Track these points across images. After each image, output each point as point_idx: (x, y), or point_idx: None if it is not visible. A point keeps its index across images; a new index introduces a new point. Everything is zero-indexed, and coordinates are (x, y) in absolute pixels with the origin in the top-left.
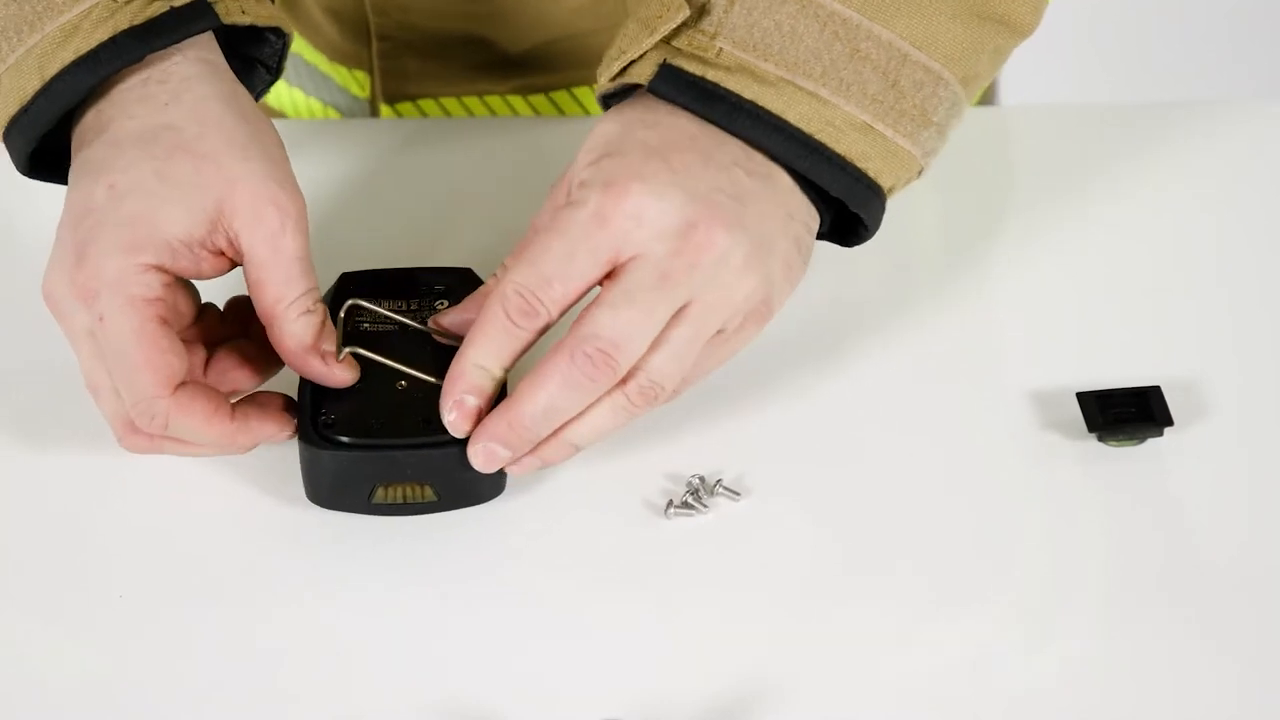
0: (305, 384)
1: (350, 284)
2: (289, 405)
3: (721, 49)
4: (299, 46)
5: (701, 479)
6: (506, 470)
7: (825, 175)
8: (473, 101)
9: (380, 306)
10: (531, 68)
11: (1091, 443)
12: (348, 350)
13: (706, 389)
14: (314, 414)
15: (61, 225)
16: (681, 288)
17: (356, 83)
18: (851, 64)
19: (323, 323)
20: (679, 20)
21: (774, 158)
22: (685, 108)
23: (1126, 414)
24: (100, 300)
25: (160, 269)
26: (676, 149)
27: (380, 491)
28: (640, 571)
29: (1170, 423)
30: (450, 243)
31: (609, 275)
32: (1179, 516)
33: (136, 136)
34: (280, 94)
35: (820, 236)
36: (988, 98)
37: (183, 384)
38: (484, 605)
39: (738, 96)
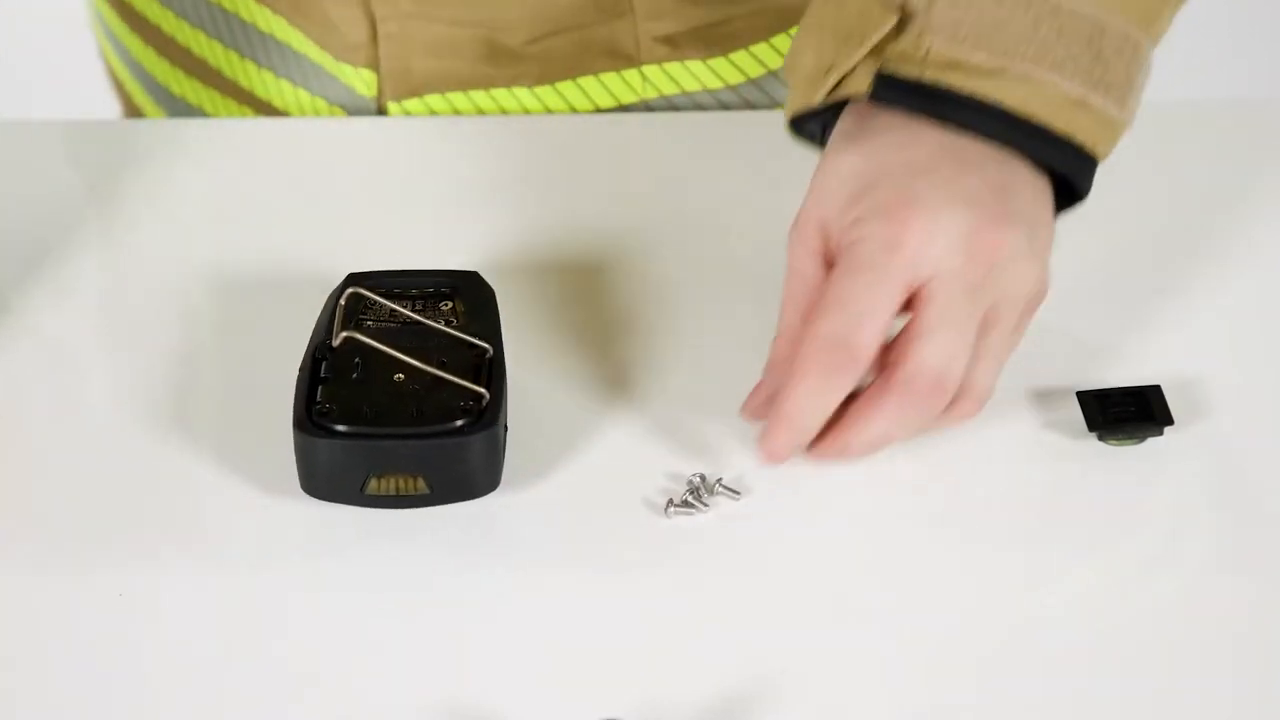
0: (303, 372)
1: (356, 284)
2: None
3: (931, 48)
4: (303, 46)
5: (702, 478)
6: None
7: (1048, 154)
8: (479, 96)
9: (381, 299)
10: (537, 59)
11: (1091, 442)
12: (345, 334)
13: (707, 389)
14: (309, 402)
15: None
16: (986, 293)
17: (362, 81)
18: (1060, 41)
19: None
20: (889, 27)
21: (999, 144)
22: (907, 110)
23: (1127, 413)
24: None
25: None
26: (932, 163)
27: (373, 482)
28: (640, 570)
29: (1170, 422)
30: (456, 242)
31: (909, 302)
32: (1179, 516)
33: None
34: (285, 93)
35: None
36: None
37: None
38: (483, 604)
39: (957, 91)
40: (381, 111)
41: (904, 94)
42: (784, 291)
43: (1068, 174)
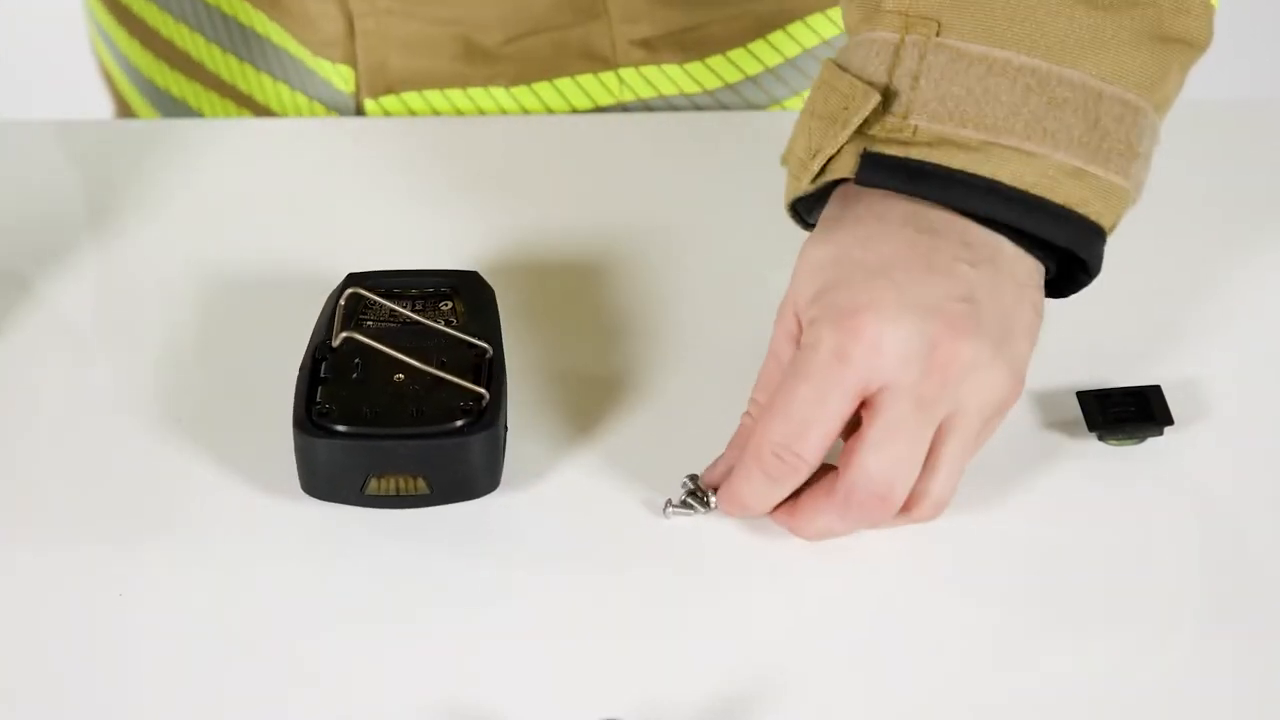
0: (303, 372)
1: (356, 284)
2: None
3: (917, 126)
4: (283, 41)
5: (694, 478)
6: None
7: (1049, 228)
8: (456, 95)
9: (381, 299)
10: (513, 60)
11: (1091, 442)
12: (345, 334)
13: (706, 391)
14: (309, 402)
15: None
16: (939, 406)
17: (340, 77)
18: (1051, 112)
19: None
20: (871, 107)
21: (995, 221)
22: (896, 191)
23: (1127, 413)
24: None
25: None
26: (897, 264)
27: (373, 482)
28: (639, 570)
29: (1170, 422)
30: (455, 242)
31: (862, 405)
32: (1179, 516)
33: None
34: (266, 88)
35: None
36: None
37: None
38: (483, 604)
39: (946, 169)
40: (359, 108)
41: (891, 174)
42: (761, 370)
43: (1072, 247)
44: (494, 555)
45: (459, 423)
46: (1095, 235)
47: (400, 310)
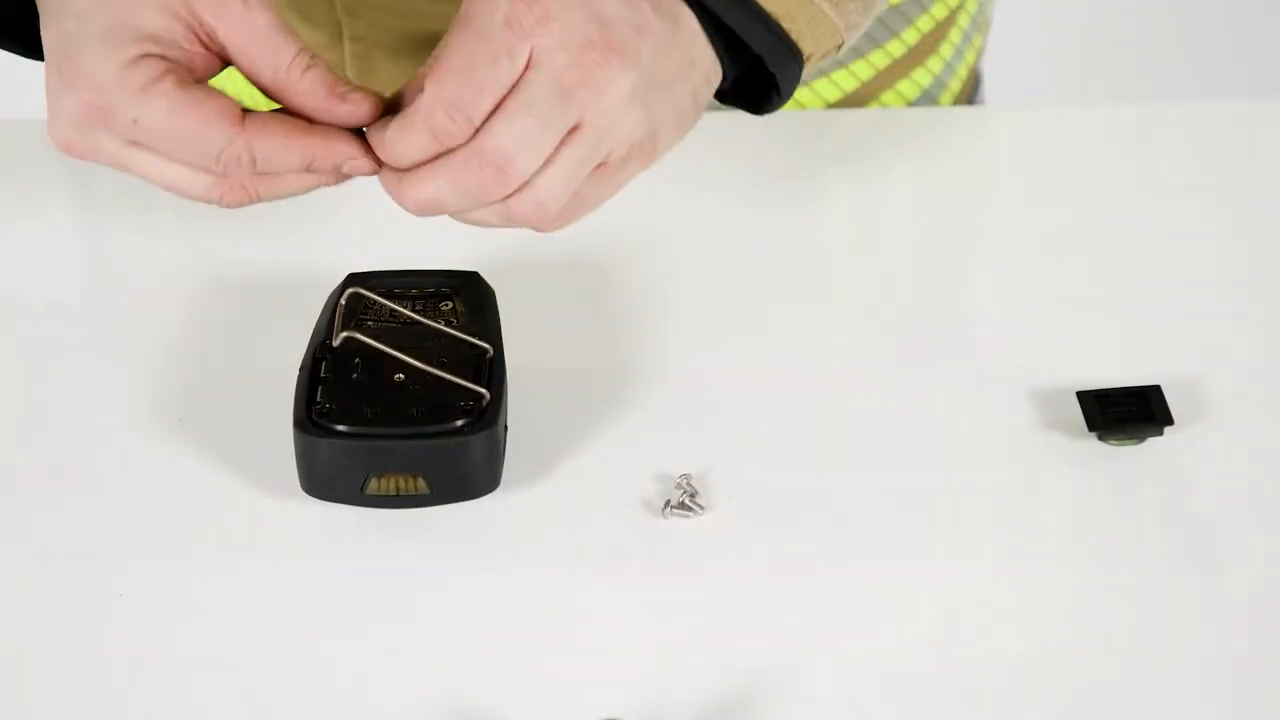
0: (303, 372)
1: (357, 284)
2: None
3: None
4: None
5: (687, 477)
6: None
7: (748, 29)
8: None
9: (381, 299)
10: None
11: (1091, 442)
12: (345, 334)
13: (705, 391)
14: (309, 402)
15: (47, 75)
16: (574, 105)
17: None
18: None
19: (327, 69)
20: None
21: (698, 5)
22: None
23: (1127, 413)
24: (118, 110)
25: (153, 56)
26: None
27: (373, 482)
28: (638, 571)
29: (1170, 422)
30: (456, 242)
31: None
32: (1179, 516)
33: None
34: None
35: (724, 98)
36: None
37: (246, 113)
38: (483, 604)
39: None
40: None
41: None
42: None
43: (766, 56)
44: (494, 555)
45: (459, 422)
46: (790, 55)
47: (400, 310)
